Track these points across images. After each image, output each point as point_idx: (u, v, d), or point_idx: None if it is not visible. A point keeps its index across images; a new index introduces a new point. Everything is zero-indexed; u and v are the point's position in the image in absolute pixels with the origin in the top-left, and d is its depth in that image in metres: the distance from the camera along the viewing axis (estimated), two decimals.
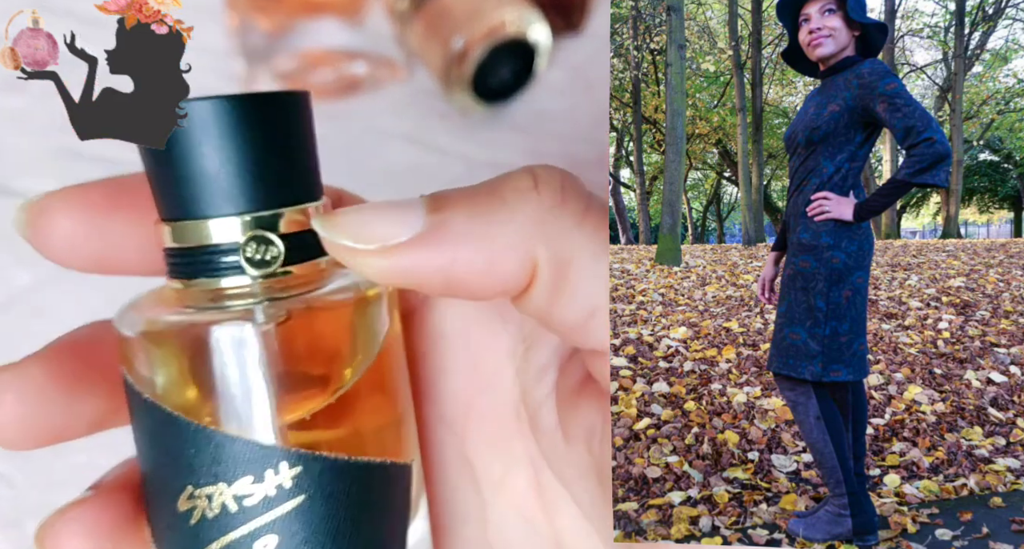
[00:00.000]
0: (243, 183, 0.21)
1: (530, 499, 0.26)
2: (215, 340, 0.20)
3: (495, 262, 0.21)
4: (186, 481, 0.20)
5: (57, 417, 0.24)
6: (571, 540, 0.26)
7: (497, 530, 0.26)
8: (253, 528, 0.20)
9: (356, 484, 0.21)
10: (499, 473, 0.26)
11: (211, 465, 0.20)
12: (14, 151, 0.58)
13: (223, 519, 0.20)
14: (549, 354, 0.26)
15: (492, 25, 0.60)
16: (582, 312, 0.22)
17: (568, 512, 0.26)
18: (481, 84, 0.62)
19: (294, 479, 0.20)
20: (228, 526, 0.20)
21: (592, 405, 0.25)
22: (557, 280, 0.21)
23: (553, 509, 0.26)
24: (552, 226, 0.21)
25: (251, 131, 0.21)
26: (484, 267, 0.21)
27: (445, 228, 0.20)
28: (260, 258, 0.21)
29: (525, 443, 0.26)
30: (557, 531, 0.26)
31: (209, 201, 0.21)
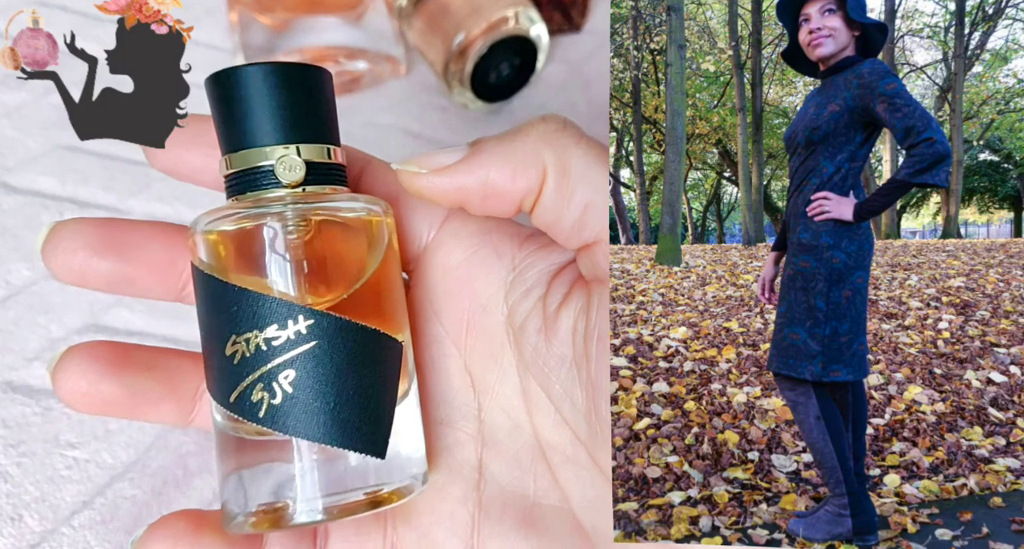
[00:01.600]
0: (279, 125, 0.28)
1: (516, 402, 0.32)
2: (258, 231, 0.27)
3: (516, 172, 0.28)
4: (231, 331, 0.27)
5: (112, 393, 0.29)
6: (547, 435, 0.31)
7: (489, 427, 0.32)
8: (278, 363, 0.27)
9: (356, 339, 0.28)
10: (491, 381, 0.32)
11: (249, 317, 0.27)
12: (16, 146, 0.58)
13: (256, 357, 0.27)
14: (535, 278, 0.32)
15: (492, 21, 0.60)
16: (579, 206, 0.29)
17: (546, 413, 0.31)
18: (481, 80, 0.62)
19: (308, 328, 0.27)
20: (260, 362, 0.27)
21: (576, 308, 0.30)
22: (560, 179, 0.28)
23: (534, 410, 0.31)
24: (556, 142, 0.28)
25: (288, 90, 0.28)
26: (509, 176, 0.28)
27: (480, 152, 0.28)
28: (288, 173, 0.28)
29: (513, 355, 0.32)
30: (536, 428, 0.31)
31: (255, 137, 0.28)
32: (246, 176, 0.28)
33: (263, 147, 0.28)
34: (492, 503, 0.31)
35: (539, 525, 0.30)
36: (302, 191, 0.28)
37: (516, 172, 0.28)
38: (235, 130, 0.28)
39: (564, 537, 0.30)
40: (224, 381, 0.27)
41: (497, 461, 0.31)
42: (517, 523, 0.30)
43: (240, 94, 0.27)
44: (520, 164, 0.28)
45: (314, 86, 0.29)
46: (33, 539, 0.41)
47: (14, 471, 0.44)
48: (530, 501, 0.31)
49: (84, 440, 0.45)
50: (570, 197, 0.28)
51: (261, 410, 0.26)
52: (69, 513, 0.42)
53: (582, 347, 0.29)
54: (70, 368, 0.29)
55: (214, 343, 0.27)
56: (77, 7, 0.64)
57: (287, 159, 0.28)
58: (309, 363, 0.27)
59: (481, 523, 0.30)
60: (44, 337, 0.49)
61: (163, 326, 0.50)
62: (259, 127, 0.28)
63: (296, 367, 0.27)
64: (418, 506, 0.31)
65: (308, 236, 0.28)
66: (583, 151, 0.28)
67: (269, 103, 0.27)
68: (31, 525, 0.42)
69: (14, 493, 0.43)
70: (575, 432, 0.30)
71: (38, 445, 0.45)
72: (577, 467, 0.30)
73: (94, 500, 0.43)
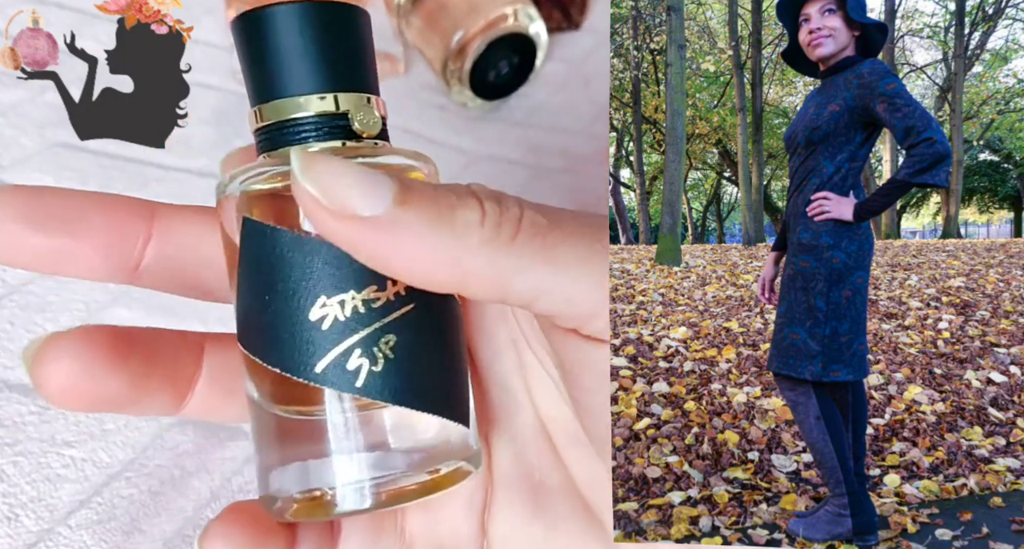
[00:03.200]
0: (317, 71, 0.25)
1: (514, 379, 0.30)
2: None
3: (431, 272, 0.23)
4: (319, 293, 0.24)
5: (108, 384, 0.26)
6: (547, 412, 0.30)
7: (490, 405, 0.30)
8: (379, 327, 0.24)
9: (443, 302, 0.26)
10: (488, 357, 0.30)
11: (343, 277, 0.24)
12: (11, 144, 0.58)
13: (354, 321, 0.24)
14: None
15: (490, 19, 0.60)
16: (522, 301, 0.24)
17: (547, 389, 0.30)
18: (480, 78, 0.62)
19: (406, 290, 0.25)
20: (359, 326, 0.24)
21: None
22: (491, 294, 0.24)
23: (533, 387, 0.30)
24: (483, 253, 0.23)
25: (325, 31, 0.25)
26: (421, 273, 0.23)
27: (401, 226, 0.22)
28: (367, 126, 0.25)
29: (509, 329, 0.30)
30: (536, 405, 0.30)
31: (288, 85, 0.25)
32: (283, 129, 0.26)
33: (297, 96, 0.25)
34: (500, 483, 0.30)
35: (547, 504, 0.30)
36: (341, 145, 0.25)
37: (430, 272, 0.23)
38: (266, 78, 0.26)
39: (572, 516, 0.30)
40: (307, 350, 0.24)
41: (501, 440, 0.30)
42: (526, 502, 0.30)
43: (271, 37, 0.25)
44: (435, 266, 0.23)
45: (353, 28, 0.26)
46: (30, 539, 0.41)
47: (10, 470, 0.44)
48: (536, 480, 0.30)
49: (80, 439, 0.45)
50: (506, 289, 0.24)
51: (359, 378, 0.24)
52: (66, 513, 0.42)
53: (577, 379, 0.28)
54: (61, 359, 0.25)
55: (289, 308, 0.24)
56: (76, 5, 0.64)
57: (367, 111, 0.26)
58: (410, 327, 0.25)
59: (492, 503, 0.30)
60: (40, 335, 0.49)
61: (162, 324, 0.50)
62: (294, 74, 0.25)
63: (396, 331, 0.24)
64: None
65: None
66: (515, 255, 0.23)
67: (304, 46, 0.25)
68: (27, 525, 0.42)
69: (10, 493, 0.43)
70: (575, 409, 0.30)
71: (34, 444, 0.45)
72: (580, 445, 0.30)
73: (91, 499, 0.43)
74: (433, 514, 0.30)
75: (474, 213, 0.23)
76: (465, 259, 0.23)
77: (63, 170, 0.57)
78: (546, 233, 0.24)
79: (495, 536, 0.30)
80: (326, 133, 0.25)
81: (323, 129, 0.25)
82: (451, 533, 0.30)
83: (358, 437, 0.25)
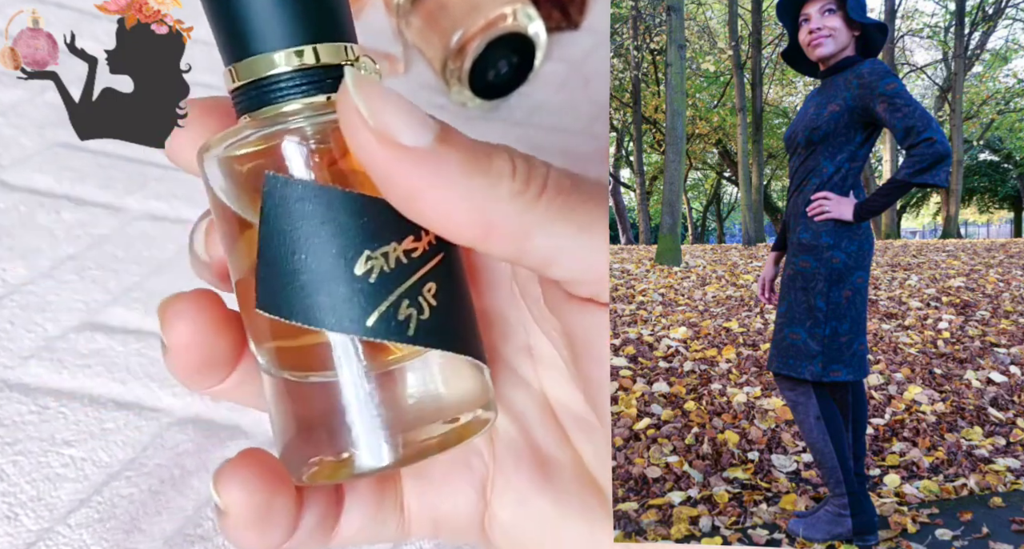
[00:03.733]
0: (291, 22, 0.24)
1: (523, 359, 0.30)
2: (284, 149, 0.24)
3: (458, 216, 0.23)
4: (363, 247, 0.24)
5: (225, 350, 0.27)
6: (555, 392, 0.30)
7: (498, 382, 0.30)
8: (421, 275, 0.24)
9: (458, 249, 0.26)
10: (496, 338, 0.31)
11: (385, 228, 0.24)
12: (11, 144, 0.58)
13: (399, 272, 0.24)
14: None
15: (490, 19, 0.60)
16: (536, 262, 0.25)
17: (555, 369, 0.30)
18: (479, 78, 0.62)
19: (436, 238, 0.25)
20: (404, 277, 0.24)
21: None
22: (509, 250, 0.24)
23: (540, 366, 0.30)
24: (510, 206, 0.24)
25: None
26: (447, 217, 0.23)
27: (439, 162, 0.23)
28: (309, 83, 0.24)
29: (519, 312, 0.30)
30: (543, 384, 0.30)
31: (262, 40, 0.24)
32: (262, 88, 0.25)
33: (274, 52, 0.24)
34: (505, 455, 0.30)
35: (555, 479, 0.29)
36: (327, 100, 0.24)
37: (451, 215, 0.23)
38: (237, 34, 0.25)
39: (579, 492, 0.29)
40: (357, 304, 0.24)
41: (505, 416, 0.30)
42: (532, 476, 0.29)
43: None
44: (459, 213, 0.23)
45: None
46: (29, 538, 0.41)
47: (10, 470, 0.44)
48: (543, 456, 0.30)
49: (80, 438, 0.45)
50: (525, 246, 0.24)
51: (410, 328, 0.24)
52: (65, 512, 0.42)
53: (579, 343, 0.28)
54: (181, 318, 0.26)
55: (333, 265, 0.24)
56: (76, 5, 0.64)
57: (364, 63, 0.25)
58: (444, 273, 0.25)
59: (496, 476, 0.30)
60: (40, 336, 0.49)
61: None
62: (270, 28, 0.24)
63: (435, 278, 0.25)
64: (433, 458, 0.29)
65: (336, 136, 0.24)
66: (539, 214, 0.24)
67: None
68: (27, 524, 0.42)
69: (10, 492, 0.43)
70: (585, 393, 0.29)
71: (34, 444, 0.45)
72: (588, 425, 0.30)
73: (91, 499, 0.43)
74: (434, 488, 0.29)
75: (506, 165, 0.24)
76: (492, 208, 0.23)
77: (63, 170, 0.57)
78: (569, 193, 0.24)
79: (499, 509, 0.29)
80: (309, 88, 0.25)
81: (305, 84, 0.25)
82: (452, 507, 0.29)
83: (373, 395, 0.25)
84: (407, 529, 0.30)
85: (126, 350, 0.49)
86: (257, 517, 0.26)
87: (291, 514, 0.27)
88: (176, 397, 0.47)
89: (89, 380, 0.47)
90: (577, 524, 0.29)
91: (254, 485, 0.26)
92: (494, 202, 0.23)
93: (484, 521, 0.29)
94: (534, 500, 0.29)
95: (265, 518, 0.26)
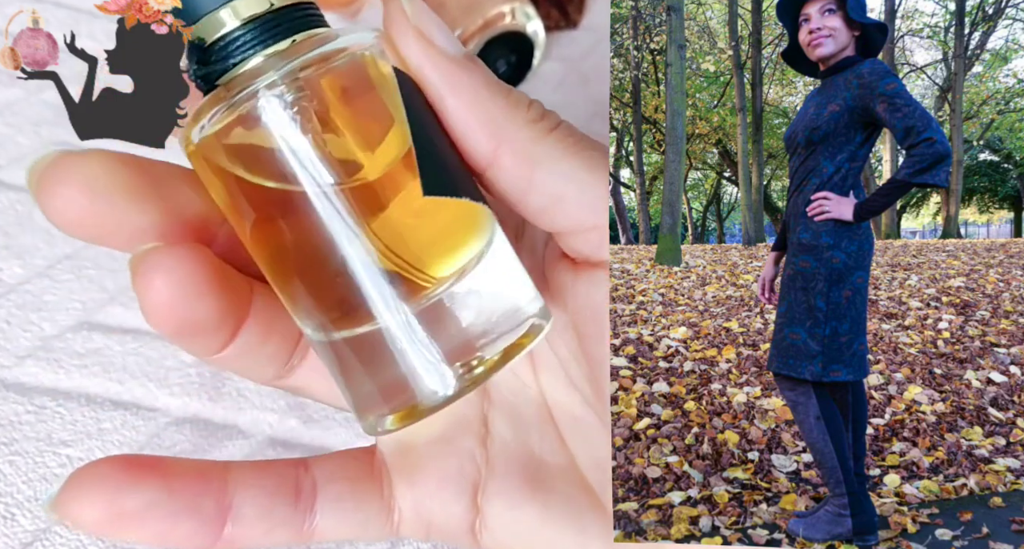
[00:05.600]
0: None
1: (521, 364, 0.31)
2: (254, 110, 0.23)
3: (475, 130, 0.25)
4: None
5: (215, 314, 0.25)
6: (554, 396, 0.30)
7: (492, 383, 0.31)
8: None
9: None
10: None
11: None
12: (7, 143, 0.58)
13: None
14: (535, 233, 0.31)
15: (488, 17, 0.60)
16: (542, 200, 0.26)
17: (554, 374, 0.30)
18: None
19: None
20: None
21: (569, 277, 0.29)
22: (516, 180, 0.26)
23: (540, 370, 0.31)
24: (524, 131, 0.26)
25: None
26: (462, 122, 0.25)
27: (466, 72, 0.25)
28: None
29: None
30: (542, 388, 0.31)
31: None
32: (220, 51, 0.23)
33: (221, 7, 0.23)
34: (497, 460, 0.30)
35: (546, 484, 0.29)
36: (291, 43, 0.23)
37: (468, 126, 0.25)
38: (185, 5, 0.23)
39: (572, 496, 0.29)
40: (470, 176, 0.26)
41: (501, 418, 0.30)
42: (523, 481, 0.29)
43: None
44: (472, 127, 0.25)
45: None
46: (26, 538, 0.41)
47: (7, 470, 0.44)
48: (536, 460, 0.30)
49: (77, 438, 0.45)
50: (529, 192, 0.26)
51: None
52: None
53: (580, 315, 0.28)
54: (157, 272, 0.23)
55: (449, 144, 0.26)
56: (76, 4, 0.64)
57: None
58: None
59: (488, 481, 0.29)
60: (36, 335, 0.49)
61: None
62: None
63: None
64: (425, 461, 0.29)
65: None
66: (549, 145, 0.26)
67: None
68: (24, 524, 0.42)
69: (7, 492, 0.43)
70: (584, 395, 0.30)
71: (31, 444, 0.45)
72: (585, 430, 0.30)
73: None
74: (428, 494, 0.29)
75: (524, 97, 0.26)
76: (507, 127, 0.25)
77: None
78: (578, 138, 0.27)
79: (490, 514, 0.29)
80: (271, 36, 0.23)
81: (266, 33, 0.23)
82: (443, 511, 0.29)
83: (420, 332, 0.25)
84: (396, 529, 0.29)
85: (123, 350, 0.49)
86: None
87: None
88: (173, 397, 0.47)
89: (86, 380, 0.47)
90: (569, 529, 0.29)
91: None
92: (509, 122, 0.25)
93: (475, 526, 0.29)
94: (525, 505, 0.29)
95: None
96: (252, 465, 0.28)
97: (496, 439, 0.30)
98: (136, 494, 0.25)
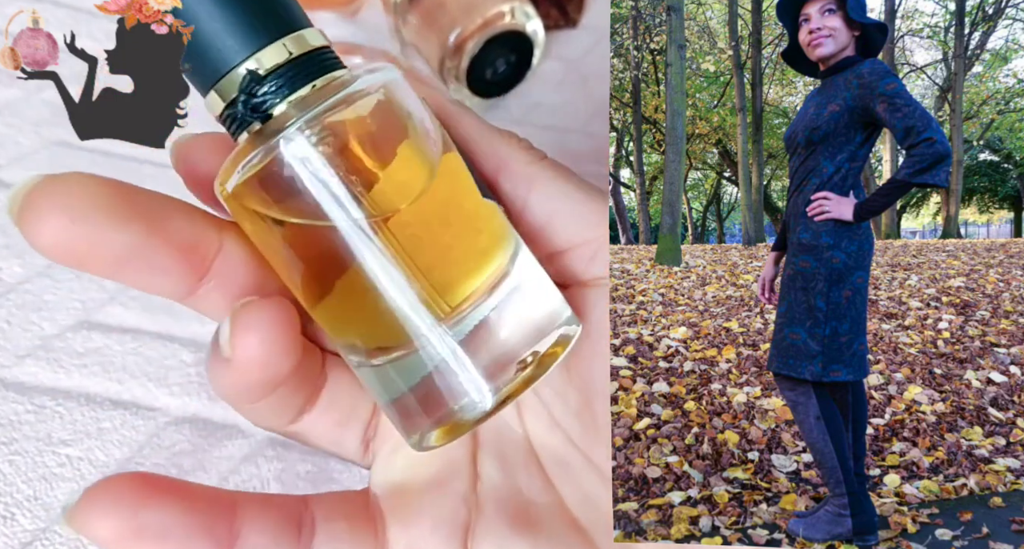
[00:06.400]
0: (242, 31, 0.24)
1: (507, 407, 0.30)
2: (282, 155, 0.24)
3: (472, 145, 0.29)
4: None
5: (287, 369, 0.25)
6: (539, 437, 0.31)
7: (483, 431, 0.31)
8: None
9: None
10: None
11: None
12: (7, 142, 0.58)
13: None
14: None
15: (487, 17, 0.60)
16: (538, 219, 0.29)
17: (538, 415, 0.31)
18: (477, 77, 0.62)
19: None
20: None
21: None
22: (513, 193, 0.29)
23: (525, 411, 0.31)
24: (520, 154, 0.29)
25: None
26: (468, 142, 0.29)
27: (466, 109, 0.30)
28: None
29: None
30: (527, 429, 0.31)
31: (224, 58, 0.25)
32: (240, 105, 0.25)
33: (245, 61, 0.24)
34: (487, 501, 0.30)
35: (535, 524, 0.29)
36: (312, 89, 0.25)
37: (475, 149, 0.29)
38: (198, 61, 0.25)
39: (561, 536, 0.29)
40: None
41: (489, 460, 0.31)
42: (512, 522, 0.29)
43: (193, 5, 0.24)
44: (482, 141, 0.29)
45: None
46: (25, 538, 0.41)
47: (6, 469, 0.44)
48: (525, 500, 0.30)
49: (77, 438, 0.45)
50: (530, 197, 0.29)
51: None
52: (62, 512, 0.42)
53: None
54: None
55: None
56: (76, 4, 0.64)
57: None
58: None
59: (477, 522, 0.30)
60: (36, 335, 0.49)
61: (159, 323, 0.50)
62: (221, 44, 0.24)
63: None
64: (419, 504, 0.30)
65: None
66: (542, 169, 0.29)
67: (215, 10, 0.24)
68: (23, 524, 0.42)
69: (6, 492, 0.43)
70: (568, 434, 0.30)
71: (30, 443, 0.45)
72: (571, 469, 0.30)
73: None
74: (422, 536, 0.29)
75: (512, 134, 0.30)
76: (505, 151, 0.28)
77: (61, 169, 0.57)
78: (566, 168, 0.29)
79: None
80: (293, 83, 0.25)
81: (287, 81, 0.25)
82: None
83: (456, 351, 0.25)
84: None
85: (123, 349, 0.49)
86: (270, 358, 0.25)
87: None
88: (173, 396, 0.47)
89: (86, 379, 0.47)
90: None
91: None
92: (506, 147, 0.28)
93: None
94: (514, 545, 0.29)
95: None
96: (259, 497, 0.28)
97: (485, 481, 0.30)
98: (154, 512, 0.25)
